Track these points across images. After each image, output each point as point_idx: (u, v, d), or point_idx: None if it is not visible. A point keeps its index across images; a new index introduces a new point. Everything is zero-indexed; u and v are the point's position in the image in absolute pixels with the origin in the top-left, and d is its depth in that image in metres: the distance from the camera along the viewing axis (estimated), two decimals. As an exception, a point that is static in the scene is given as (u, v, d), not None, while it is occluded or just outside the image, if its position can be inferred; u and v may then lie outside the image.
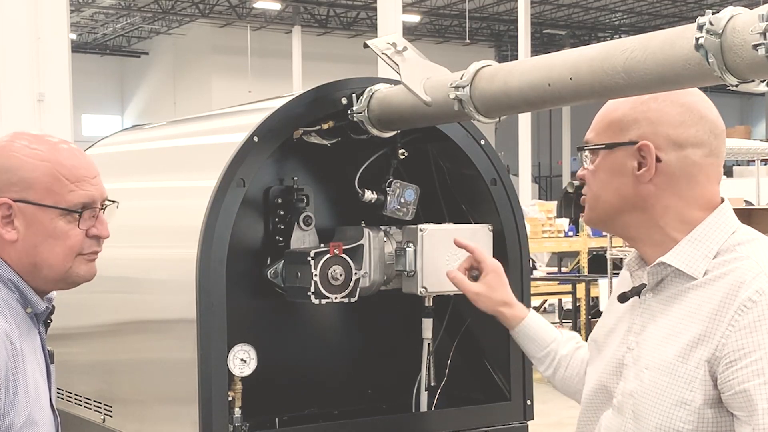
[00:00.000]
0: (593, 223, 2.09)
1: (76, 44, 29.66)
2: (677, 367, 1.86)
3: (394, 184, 2.87)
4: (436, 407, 2.94)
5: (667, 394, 1.87)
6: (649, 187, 1.95)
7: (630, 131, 1.97)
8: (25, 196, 2.03)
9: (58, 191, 2.05)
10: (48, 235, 2.04)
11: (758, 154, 14.39)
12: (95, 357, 3.27)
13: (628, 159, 1.96)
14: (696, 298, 1.88)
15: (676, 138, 1.95)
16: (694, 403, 1.83)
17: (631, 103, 1.99)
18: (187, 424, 2.59)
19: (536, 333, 2.44)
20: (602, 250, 12.16)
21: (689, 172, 1.96)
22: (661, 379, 1.88)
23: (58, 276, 2.08)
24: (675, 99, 1.97)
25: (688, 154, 1.95)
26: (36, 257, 2.05)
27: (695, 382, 1.83)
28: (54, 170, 2.05)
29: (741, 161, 19.88)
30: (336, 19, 32.44)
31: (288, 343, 3.08)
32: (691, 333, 1.85)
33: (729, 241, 1.92)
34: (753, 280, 1.81)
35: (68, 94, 10.67)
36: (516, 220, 2.96)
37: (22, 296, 2.06)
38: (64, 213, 2.05)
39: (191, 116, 3.68)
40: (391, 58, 2.55)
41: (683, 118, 1.96)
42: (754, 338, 1.77)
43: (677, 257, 1.92)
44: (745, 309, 1.79)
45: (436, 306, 2.90)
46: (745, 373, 1.77)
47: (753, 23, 1.63)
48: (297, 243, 2.89)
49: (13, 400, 1.96)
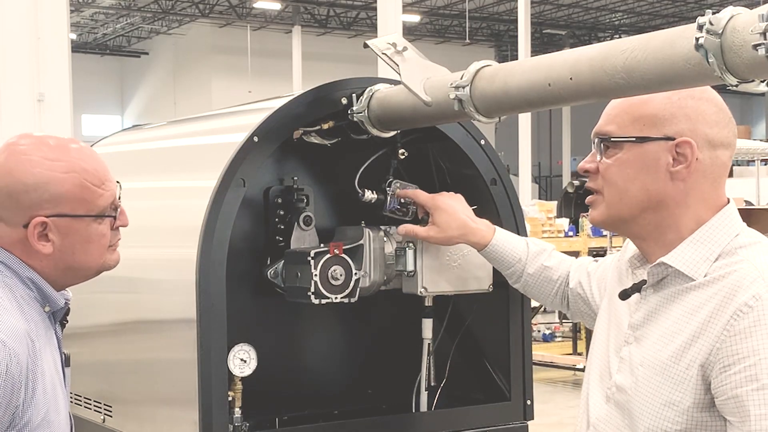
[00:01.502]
0: (608, 220, 2.00)
1: (76, 44, 29.67)
2: (670, 368, 1.85)
3: (394, 184, 2.87)
4: (436, 407, 2.94)
5: (658, 394, 1.86)
6: (679, 184, 1.92)
7: (665, 126, 1.92)
8: (58, 211, 2.05)
9: (89, 199, 2.08)
10: (84, 241, 2.09)
11: (758, 154, 14.41)
12: (95, 357, 3.27)
13: (662, 154, 1.92)
14: (695, 299, 1.87)
15: (712, 137, 1.93)
16: (682, 405, 1.82)
17: (665, 98, 1.94)
18: (187, 424, 2.59)
19: (502, 255, 2.55)
20: (602, 250, 12.16)
21: (717, 173, 1.94)
22: (654, 379, 1.87)
23: (93, 273, 2.15)
24: (709, 97, 1.95)
25: (719, 154, 1.94)
26: (73, 262, 2.09)
27: (685, 384, 1.82)
28: (81, 180, 2.07)
29: (741, 161, 19.89)
30: (336, 19, 32.45)
31: (288, 343, 3.08)
32: (686, 334, 1.84)
33: (732, 243, 1.90)
34: (750, 285, 1.80)
35: (68, 94, 10.66)
36: (516, 220, 2.95)
37: (40, 293, 2.07)
38: (98, 217, 2.09)
39: (191, 116, 3.68)
40: (391, 58, 2.54)
41: (718, 118, 1.94)
42: (748, 343, 1.75)
43: (678, 258, 1.91)
44: (741, 314, 1.78)
45: (436, 306, 2.90)
46: (738, 379, 1.76)
47: (753, 23, 1.63)
48: (297, 243, 2.89)
49: (32, 398, 1.97)
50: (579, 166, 2.07)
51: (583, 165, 2.04)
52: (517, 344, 2.94)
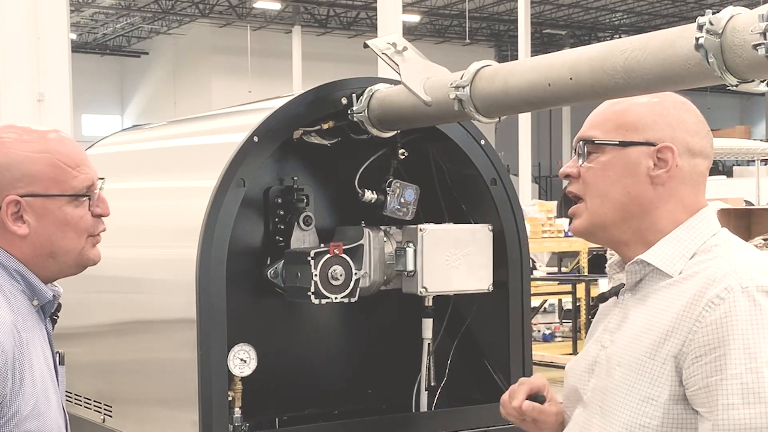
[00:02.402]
0: (590, 228, 2.01)
1: (76, 44, 29.65)
2: (645, 364, 1.87)
3: (394, 184, 2.87)
4: (436, 407, 2.94)
5: (635, 390, 1.88)
6: (659, 189, 1.95)
7: (648, 132, 1.95)
8: (31, 190, 2.05)
9: (63, 179, 2.07)
10: (60, 223, 2.07)
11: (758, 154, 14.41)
12: (95, 357, 3.27)
13: (643, 159, 1.94)
14: (669, 295, 1.90)
15: (692, 146, 1.96)
16: (660, 399, 1.84)
17: (648, 106, 1.97)
18: (187, 424, 2.59)
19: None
20: (602, 250, 12.16)
21: (695, 180, 1.98)
22: (630, 376, 1.89)
23: (73, 260, 2.11)
24: (690, 108, 1.99)
25: (698, 163, 1.97)
26: (52, 247, 2.08)
27: (662, 378, 1.84)
28: (54, 159, 2.07)
29: (741, 161, 19.89)
30: (336, 19, 32.44)
31: (288, 343, 3.08)
32: (661, 330, 1.87)
33: (708, 242, 1.93)
34: (722, 278, 1.82)
35: (68, 94, 10.67)
36: (516, 220, 2.96)
37: (28, 286, 2.08)
38: (72, 199, 2.08)
39: (191, 116, 3.68)
40: (391, 58, 2.55)
41: (698, 128, 1.98)
42: (719, 334, 1.78)
43: (654, 255, 1.94)
44: (712, 305, 1.80)
45: (436, 306, 2.90)
46: (708, 369, 1.78)
47: (753, 23, 1.63)
48: (297, 243, 2.89)
49: (19, 388, 1.97)
50: (560, 171, 2.09)
51: (564, 170, 2.06)
52: (517, 344, 2.94)
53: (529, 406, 2.10)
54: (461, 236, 2.83)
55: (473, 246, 2.84)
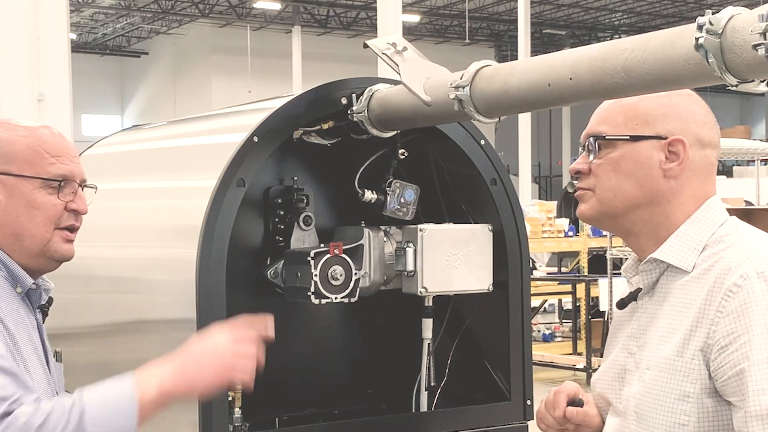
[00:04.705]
0: (598, 215, 2.01)
1: (76, 44, 29.66)
2: (675, 362, 1.87)
3: (394, 184, 2.87)
4: (436, 407, 2.94)
5: (668, 390, 1.88)
6: (671, 182, 1.95)
7: (658, 125, 1.95)
8: (7, 169, 2.11)
9: (39, 163, 2.13)
10: (29, 205, 2.11)
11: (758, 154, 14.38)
12: (95, 357, 3.26)
13: (654, 152, 1.95)
14: (688, 292, 1.90)
15: (702, 137, 1.97)
16: (693, 395, 1.84)
17: (657, 99, 1.97)
18: (186, 425, 2.59)
19: None
20: (602, 250, 12.15)
21: (706, 171, 1.99)
22: (662, 377, 1.89)
23: (38, 248, 2.13)
24: (697, 100, 2.00)
25: (708, 154, 1.98)
26: (17, 227, 2.11)
27: (693, 374, 1.84)
28: (35, 144, 2.14)
29: (741, 161, 19.88)
30: (336, 19, 32.43)
31: (288, 343, 3.07)
32: (685, 327, 1.87)
33: (717, 233, 1.94)
34: (738, 267, 1.83)
35: (68, 94, 10.67)
36: (516, 220, 2.96)
37: (9, 273, 2.10)
38: (44, 184, 2.12)
39: (191, 116, 3.68)
40: (391, 58, 2.55)
41: (706, 119, 1.99)
42: (741, 322, 1.79)
43: (665, 252, 1.94)
44: (731, 294, 1.81)
45: (436, 306, 2.90)
46: (735, 357, 1.78)
47: (753, 23, 1.63)
48: (297, 243, 2.89)
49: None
50: (570, 168, 2.08)
51: (574, 166, 2.05)
52: (517, 344, 2.94)
53: (573, 412, 2.09)
54: (461, 236, 2.83)
55: (473, 246, 2.84)
